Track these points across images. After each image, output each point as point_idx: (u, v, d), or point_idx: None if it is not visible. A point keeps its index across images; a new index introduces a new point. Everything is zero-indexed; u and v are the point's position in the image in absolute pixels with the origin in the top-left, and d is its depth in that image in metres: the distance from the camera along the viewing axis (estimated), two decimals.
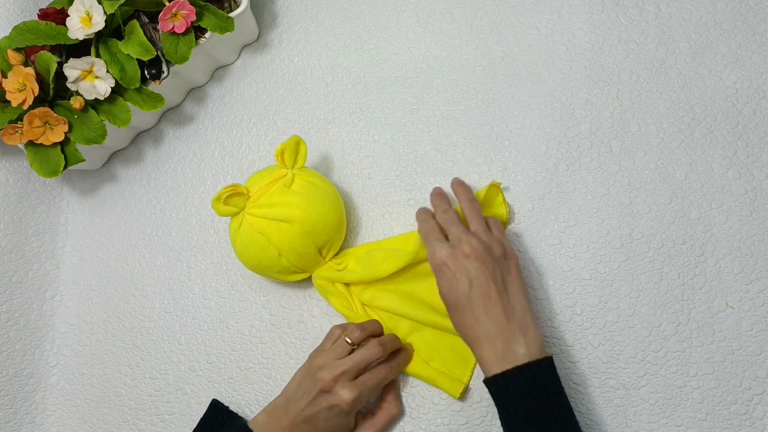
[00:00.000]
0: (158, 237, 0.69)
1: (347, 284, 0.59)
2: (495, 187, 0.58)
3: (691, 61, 0.61)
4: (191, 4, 0.61)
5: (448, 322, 0.52)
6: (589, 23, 0.64)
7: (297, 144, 0.59)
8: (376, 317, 0.58)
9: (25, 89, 0.59)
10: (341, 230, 0.60)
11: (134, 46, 0.61)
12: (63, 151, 0.61)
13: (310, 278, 0.61)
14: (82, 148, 0.62)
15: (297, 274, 0.59)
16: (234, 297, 0.65)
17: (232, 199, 0.56)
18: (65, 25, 0.60)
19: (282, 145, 0.58)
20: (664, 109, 0.60)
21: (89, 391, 0.66)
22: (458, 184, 0.58)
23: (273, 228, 0.55)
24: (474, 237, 0.50)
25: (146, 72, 0.63)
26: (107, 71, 0.61)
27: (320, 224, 0.57)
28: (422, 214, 0.56)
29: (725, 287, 0.54)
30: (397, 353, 0.55)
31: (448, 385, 0.55)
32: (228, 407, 0.58)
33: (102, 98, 0.61)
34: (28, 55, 0.60)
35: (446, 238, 0.52)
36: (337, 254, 0.61)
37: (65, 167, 0.61)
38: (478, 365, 0.55)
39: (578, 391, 0.54)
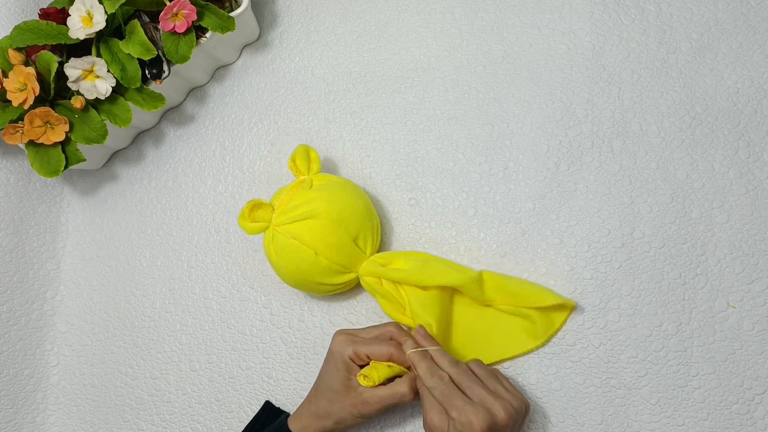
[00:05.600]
0: (159, 237, 0.69)
1: (397, 284, 0.56)
2: (567, 308, 0.56)
3: (692, 61, 0.61)
4: (192, 3, 0.61)
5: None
6: (590, 23, 0.64)
7: (306, 150, 0.59)
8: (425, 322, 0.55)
9: (25, 89, 0.59)
10: (372, 218, 0.58)
11: (135, 46, 0.61)
12: (64, 151, 0.61)
13: (355, 289, 0.60)
14: (82, 148, 0.62)
15: (342, 275, 0.56)
16: (235, 297, 0.65)
17: (257, 213, 0.56)
18: (66, 25, 0.60)
19: (292, 154, 0.59)
20: (665, 109, 0.60)
21: (90, 391, 0.66)
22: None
23: (302, 228, 0.54)
24: (505, 401, 0.46)
25: (147, 72, 0.63)
26: (108, 71, 0.60)
27: (347, 210, 0.55)
28: (424, 362, 0.49)
29: (726, 287, 0.54)
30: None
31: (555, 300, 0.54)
32: (279, 408, 0.59)
33: (103, 98, 0.61)
34: (28, 54, 0.60)
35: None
36: (379, 251, 0.60)
37: (66, 167, 0.61)
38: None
39: (579, 390, 0.54)
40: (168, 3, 0.61)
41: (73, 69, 0.60)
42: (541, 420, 0.55)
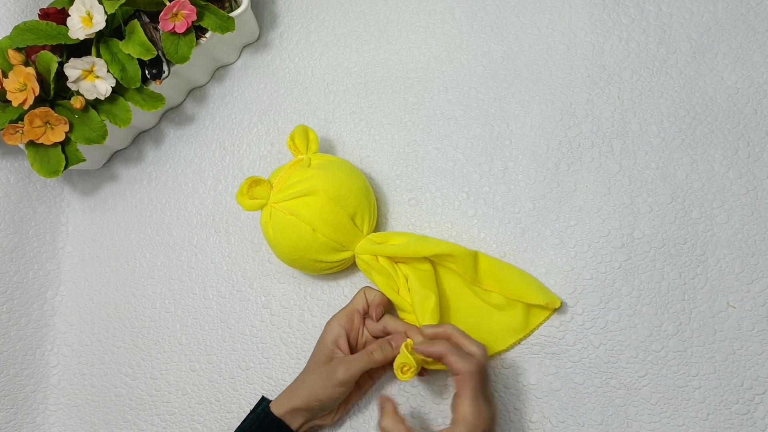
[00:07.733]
0: (159, 237, 0.69)
1: (394, 261, 0.57)
2: (547, 309, 0.56)
3: (692, 61, 0.61)
4: (192, 3, 0.61)
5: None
6: (589, 23, 0.64)
7: (305, 130, 0.60)
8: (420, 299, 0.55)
9: (25, 89, 0.59)
10: (369, 198, 0.59)
11: (135, 46, 0.61)
12: (64, 151, 0.61)
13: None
14: (82, 148, 0.62)
15: (338, 252, 0.56)
16: (235, 297, 0.65)
17: (255, 190, 0.56)
18: (66, 25, 0.60)
19: (291, 134, 0.60)
20: (665, 109, 0.60)
21: (90, 391, 0.66)
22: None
23: (300, 205, 0.55)
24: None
25: (147, 72, 0.63)
26: (108, 71, 0.60)
27: (344, 188, 0.56)
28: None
29: (726, 287, 0.54)
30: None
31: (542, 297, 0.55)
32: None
33: (103, 98, 0.61)
34: (28, 54, 0.60)
35: None
36: (376, 231, 0.60)
37: (66, 167, 0.61)
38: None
39: (579, 390, 0.54)
40: (168, 3, 0.61)
41: (73, 69, 0.60)
42: (541, 420, 0.55)
